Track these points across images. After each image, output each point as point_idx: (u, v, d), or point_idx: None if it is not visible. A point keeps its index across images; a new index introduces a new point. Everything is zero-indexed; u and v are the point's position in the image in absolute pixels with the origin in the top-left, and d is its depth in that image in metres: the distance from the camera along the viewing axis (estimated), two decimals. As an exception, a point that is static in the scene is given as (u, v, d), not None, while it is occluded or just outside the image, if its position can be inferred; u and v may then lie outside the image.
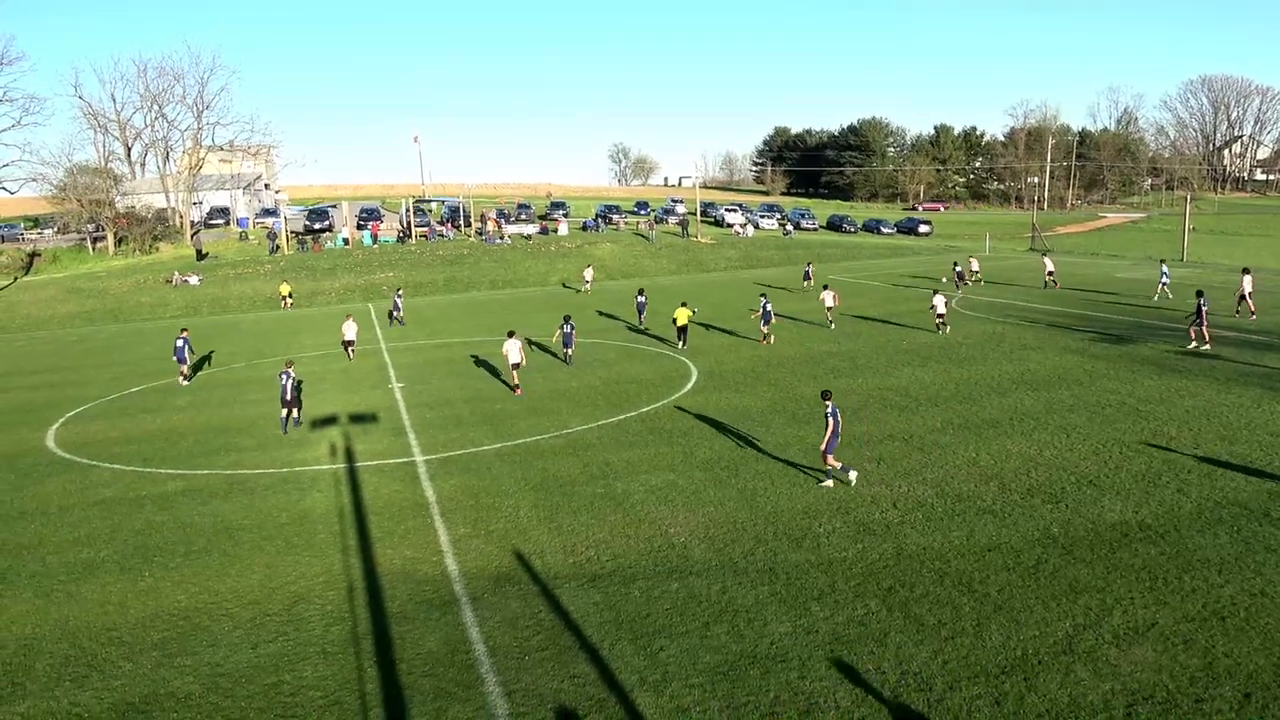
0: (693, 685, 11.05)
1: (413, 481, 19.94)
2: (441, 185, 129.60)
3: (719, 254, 77.03)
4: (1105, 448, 19.88)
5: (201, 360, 37.86)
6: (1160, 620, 12.08)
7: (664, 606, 13.25)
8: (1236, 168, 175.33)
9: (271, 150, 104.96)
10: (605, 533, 16.29)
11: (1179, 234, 71.71)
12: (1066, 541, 14.89)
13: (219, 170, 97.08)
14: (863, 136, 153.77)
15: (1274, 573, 13.36)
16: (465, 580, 14.52)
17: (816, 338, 36.13)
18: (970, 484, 17.95)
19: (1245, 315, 36.73)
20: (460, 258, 72.89)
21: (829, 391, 18.42)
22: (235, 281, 66.26)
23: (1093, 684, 10.62)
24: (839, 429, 17.81)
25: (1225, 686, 10.44)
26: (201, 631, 13.22)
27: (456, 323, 47.15)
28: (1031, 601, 12.80)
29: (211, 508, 18.85)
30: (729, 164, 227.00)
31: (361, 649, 12.45)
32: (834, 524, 16.13)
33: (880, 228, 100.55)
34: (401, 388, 30.39)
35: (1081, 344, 32.33)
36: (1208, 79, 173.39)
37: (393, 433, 24.33)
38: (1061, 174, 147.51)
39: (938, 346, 32.96)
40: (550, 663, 11.79)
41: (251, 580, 15.01)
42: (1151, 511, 16.02)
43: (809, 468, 19.24)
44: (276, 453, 22.86)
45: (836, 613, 12.77)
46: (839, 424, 17.78)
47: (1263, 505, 16.06)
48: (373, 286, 64.77)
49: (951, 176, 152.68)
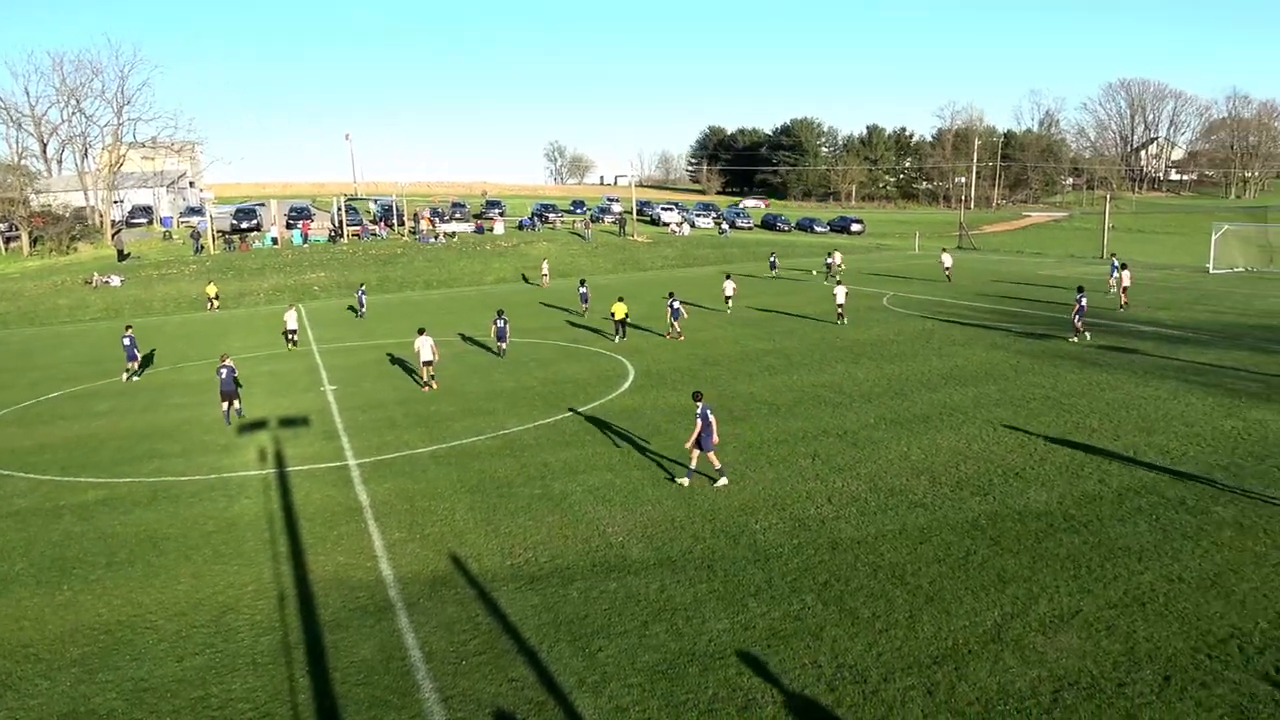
0: (631, 685, 11.05)
1: (345, 486, 19.57)
2: (374, 184, 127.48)
3: (656, 253, 77.25)
4: (1030, 441, 20.44)
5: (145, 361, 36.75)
6: (1084, 608, 12.45)
7: (602, 607, 13.22)
8: (1153, 168, 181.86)
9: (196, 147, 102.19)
10: (543, 534, 16.20)
11: (1099, 232, 74.12)
12: (994, 533, 15.26)
13: (141, 168, 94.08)
14: (795, 136, 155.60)
15: (1190, 559, 13.88)
16: (400, 585, 14.30)
17: (753, 336, 36.46)
18: (902, 478, 18.29)
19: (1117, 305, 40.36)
20: (394, 257, 71.83)
21: (700, 393, 18.56)
22: (159, 282, 64.28)
23: (1021, 671, 10.90)
24: (711, 429, 17.85)
25: (1146, 670, 10.81)
26: (124, 646, 12.77)
27: (390, 323, 46.44)
28: (961, 592, 13.09)
29: (134, 517, 18.24)
30: (665, 163, 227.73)
31: (293, 659, 12.16)
32: (770, 520, 16.28)
33: (814, 226, 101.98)
34: (334, 390, 29.82)
35: (1007, 340, 33.21)
36: (1126, 82, 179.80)
37: (324, 436, 23.85)
38: (987, 174, 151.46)
39: (870, 343, 33.52)
40: (488, 667, 11.67)
41: (177, 591, 14.56)
42: (1075, 502, 16.52)
43: (744, 465, 19.41)
44: (203, 459, 22.23)
45: (773, 608, 12.89)
46: (709, 424, 17.81)
47: (1179, 494, 16.67)
48: (303, 287, 63.43)
49: (882, 176, 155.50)
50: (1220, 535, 14.71)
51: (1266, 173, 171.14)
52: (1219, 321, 36.25)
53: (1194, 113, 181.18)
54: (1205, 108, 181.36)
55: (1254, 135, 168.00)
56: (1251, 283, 50.48)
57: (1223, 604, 12.39)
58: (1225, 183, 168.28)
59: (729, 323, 40.39)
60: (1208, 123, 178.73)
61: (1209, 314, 38.45)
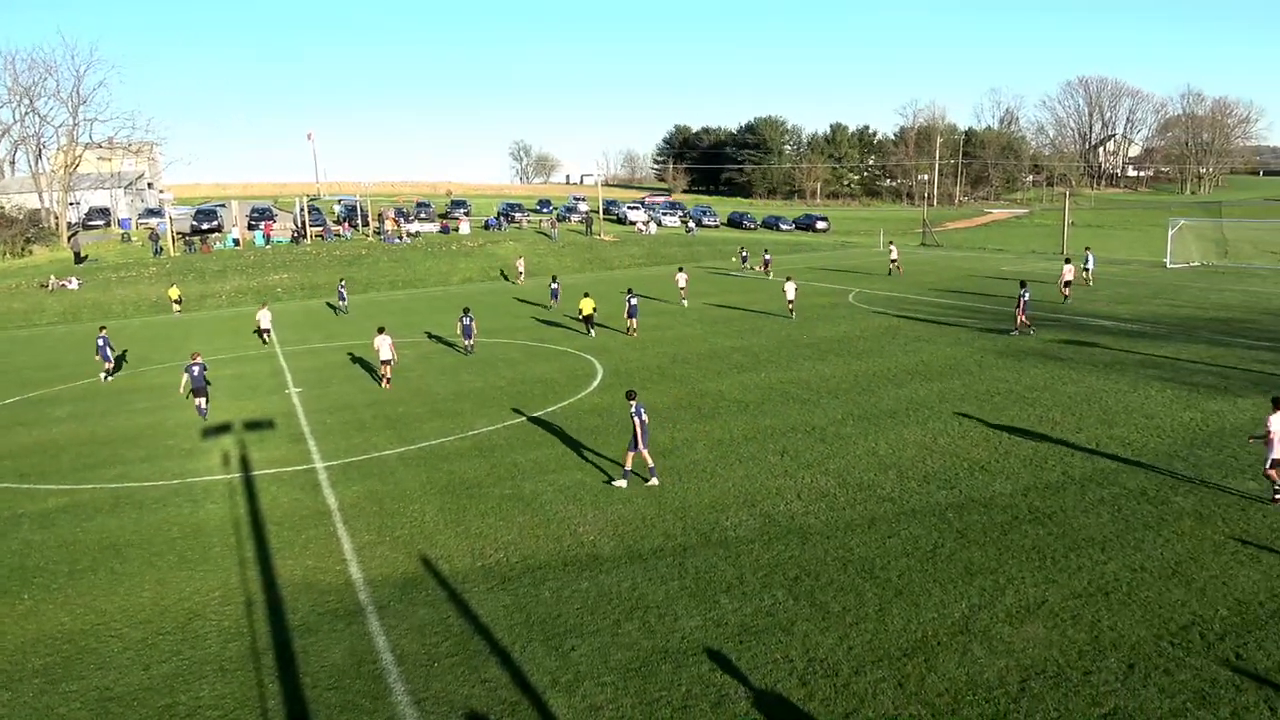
0: (605, 684, 11.06)
1: (313, 489, 19.38)
2: (338, 184, 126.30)
3: (623, 251, 77.23)
4: (995, 434, 20.72)
5: (118, 362, 36.31)
6: (1050, 598, 12.65)
7: (575, 606, 13.21)
8: (1111, 165, 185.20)
9: (155, 148, 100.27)
10: (514, 534, 16.15)
11: (1059, 228, 75.22)
12: (961, 525, 15.46)
13: (98, 169, 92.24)
14: (760, 135, 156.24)
15: (1152, 548, 14.15)
16: (370, 588, 14.19)
17: (720, 334, 36.60)
18: (870, 473, 18.47)
19: (1059, 298, 41.83)
20: (358, 258, 71.16)
21: (633, 392, 18.57)
22: (118, 285, 63.14)
23: (989, 662, 11.05)
24: (645, 428, 17.95)
25: (1111, 658, 11.01)
26: (88, 654, 12.56)
27: (355, 325, 46.00)
28: (930, 585, 13.25)
29: (96, 524, 17.92)
30: (630, 162, 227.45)
31: (262, 664, 12.03)
32: (740, 516, 16.37)
33: (779, 224, 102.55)
34: (299, 393, 29.50)
35: (971, 336, 33.63)
36: (1084, 80, 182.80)
37: (291, 439, 23.59)
38: (949, 171, 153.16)
39: (836, 340, 33.79)
40: (460, 668, 11.63)
41: (142, 598, 14.33)
42: (1039, 494, 16.78)
43: (714, 462, 19.50)
44: (166, 464, 21.89)
45: (745, 604, 12.96)
46: (644, 423, 17.91)
47: (1140, 485, 16.99)
48: (267, 288, 62.61)
49: (847, 174, 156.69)
50: (1180, 525, 15.02)
51: (1220, 169, 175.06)
52: (1176, 315, 36.97)
53: (1150, 110, 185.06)
54: (1161, 105, 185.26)
55: (1207, 132, 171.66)
56: (1207, 276, 51.52)
57: (1184, 592, 12.65)
58: (1181, 179, 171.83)
59: (697, 320, 40.51)
60: (1163, 120, 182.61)
61: (1167, 307, 39.19)
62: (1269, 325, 34.04)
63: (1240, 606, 12.17)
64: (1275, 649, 11.05)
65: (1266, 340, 30.73)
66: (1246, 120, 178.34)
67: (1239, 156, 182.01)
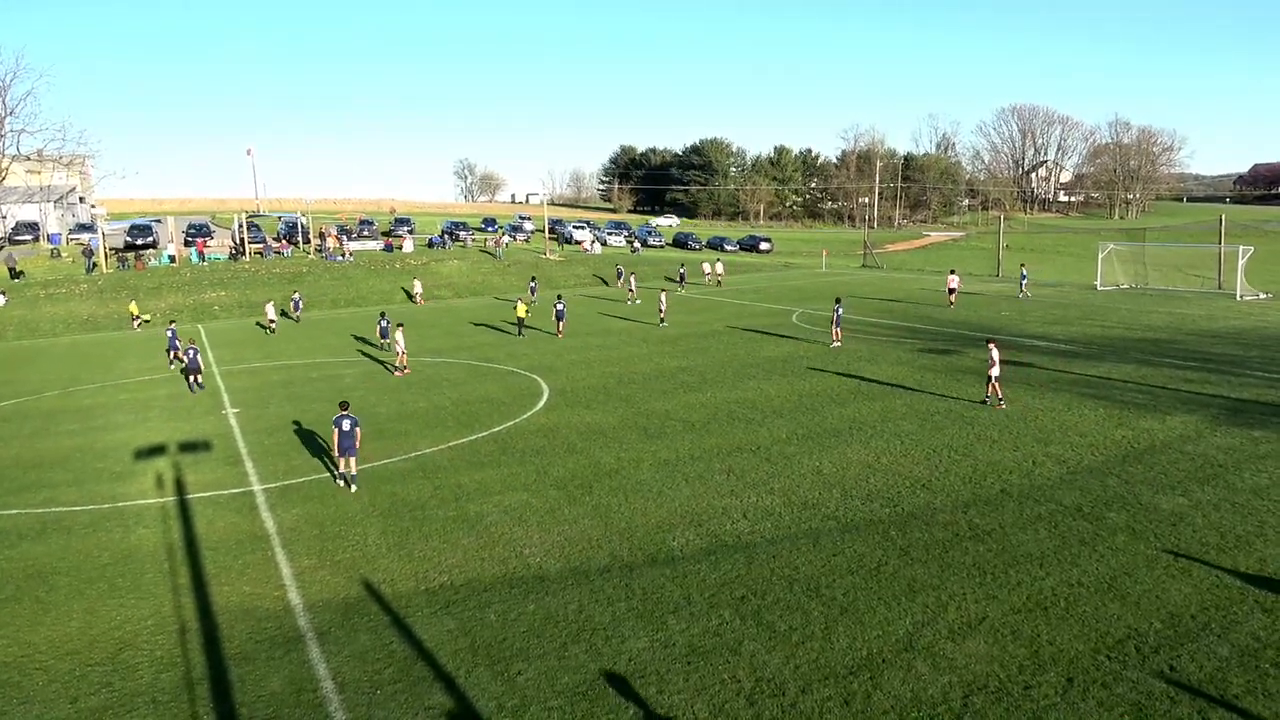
0: (552, 708, 10.93)
1: (250, 512, 18.90)
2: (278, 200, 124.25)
3: (567, 270, 77.15)
4: (935, 453, 21.08)
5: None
6: (990, 614, 12.87)
7: (520, 629, 13.07)
8: (1043, 190, 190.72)
9: (87, 161, 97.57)
10: (458, 557, 15.93)
11: (994, 251, 77.13)
12: (904, 543, 15.66)
13: (26, 182, 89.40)
14: (705, 156, 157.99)
15: (1088, 564, 14.49)
16: (310, 614, 13.86)
17: (666, 354, 36.71)
18: (815, 492, 18.63)
19: (946, 306, 48.08)
20: (299, 275, 69.92)
21: (346, 402, 20.56)
22: (46, 302, 61.12)
23: (932, 678, 11.19)
24: (349, 437, 19.67)
25: (1050, 673, 11.22)
26: (11, 688, 12.03)
27: (295, 343, 45.15)
28: (875, 602, 13.38)
29: (21, 550, 17.24)
30: (576, 181, 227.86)
31: (196, 695, 11.66)
32: (687, 536, 16.37)
33: (724, 245, 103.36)
34: (237, 413, 28.81)
35: (911, 355, 34.23)
36: (1017, 107, 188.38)
37: (227, 461, 23.01)
38: (889, 195, 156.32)
39: (781, 360, 34.12)
40: (404, 695, 11.40)
41: (70, 628, 13.80)
42: (979, 511, 17.09)
43: (661, 482, 19.51)
44: (96, 487, 21.18)
45: (692, 624, 12.94)
46: (342, 434, 19.65)
47: (1075, 501, 17.42)
48: (203, 306, 61.22)
49: (790, 196, 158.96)
50: (1115, 540, 15.42)
51: (1147, 195, 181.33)
52: (1108, 336, 38.08)
53: (1080, 137, 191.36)
54: (1090, 133, 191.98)
55: (1134, 159, 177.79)
56: (1134, 298, 53.21)
57: (1119, 606, 12.97)
58: (1110, 204, 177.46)
59: (643, 340, 40.59)
60: (1093, 147, 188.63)
61: (1098, 329, 40.35)
62: (1194, 346, 35.26)
63: (1173, 619, 12.51)
64: (1207, 661, 11.37)
65: (1193, 360, 31.82)
66: (1170, 149, 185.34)
67: (1164, 183, 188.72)
